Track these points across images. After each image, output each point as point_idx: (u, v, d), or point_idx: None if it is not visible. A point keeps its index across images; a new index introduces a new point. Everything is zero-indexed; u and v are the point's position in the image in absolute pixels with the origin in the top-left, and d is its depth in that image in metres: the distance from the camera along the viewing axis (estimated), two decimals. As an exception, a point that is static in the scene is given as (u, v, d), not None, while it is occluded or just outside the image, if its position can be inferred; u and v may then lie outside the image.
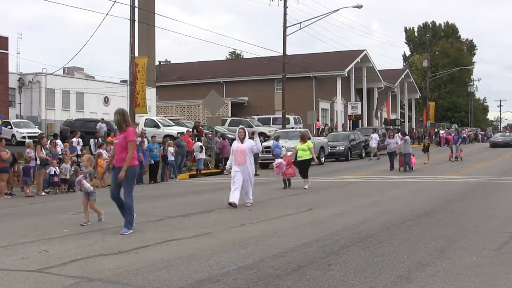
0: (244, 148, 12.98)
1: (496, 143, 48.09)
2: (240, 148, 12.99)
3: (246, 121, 40.86)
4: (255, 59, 55.66)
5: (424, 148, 29.25)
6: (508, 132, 58.45)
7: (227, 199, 12.66)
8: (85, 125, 33.09)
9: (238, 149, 13.01)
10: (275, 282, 5.99)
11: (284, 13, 37.06)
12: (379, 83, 61.29)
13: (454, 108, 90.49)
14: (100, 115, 40.22)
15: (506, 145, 46.45)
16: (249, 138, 13.55)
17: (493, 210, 11.67)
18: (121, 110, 9.47)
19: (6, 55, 38.69)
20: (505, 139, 49.04)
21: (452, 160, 29.18)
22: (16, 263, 7.04)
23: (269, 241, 8.31)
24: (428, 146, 29.40)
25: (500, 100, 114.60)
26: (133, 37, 26.26)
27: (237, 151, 12.99)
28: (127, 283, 6.04)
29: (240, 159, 12.92)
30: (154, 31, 45.68)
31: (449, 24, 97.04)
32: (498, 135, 54.28)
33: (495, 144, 47.84)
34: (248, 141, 13.22)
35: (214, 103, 28.17)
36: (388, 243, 8.07)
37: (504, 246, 7.79)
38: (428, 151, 28.76)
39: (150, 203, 14.13)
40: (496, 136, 54.21)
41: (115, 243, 8.28)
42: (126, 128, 9.25)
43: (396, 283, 5.93)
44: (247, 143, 13.12)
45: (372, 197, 14.33)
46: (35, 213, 13.04)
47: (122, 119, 9.26)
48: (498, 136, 52.60)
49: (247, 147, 13.01)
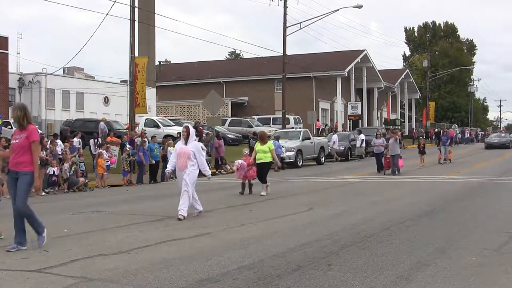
0: (188, 150, 11.16)
1: (491, 144, 45.80)
2: (184, 151, 11.20)
3: (246, 121, 40.91)
4: (255, 59, 55.67)
5: (420, 150, 27.12)
6: (504, 133, 56.49)
7: (226, 199, 12.65)
8: (85, 125, 33.09)
9: (181, 151, 11.25)
10: (275, 282, 5.99)
11: (284, 13, 37.08)
12: (379, 83, 61.29)
13: (454, 108, 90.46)
14: (100, 115, 40.19)
15: (502, 146, 44.51)
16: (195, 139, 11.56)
17: (493, 210, 11.68)
18: (21, 105, 8.27)
19: (6, 55, 38.67)
20: (501, 140, 46.96)
21: (442, 162, 27.42)
22: (16, 263, 7.04)
23: (269, 241, 8.31)
24: (424, 147, 27.33)
25: (500, 100, 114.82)
26: (133, 37, 26.26)
27: (180, 153, 11.27)
28: (127, 283, 6.04)
29: (181, 164, 11.20)
30: (154, 31, 45.66)
31: (449, 24, 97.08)
32: (494, 136, 51.64)
33: (490, 145, 45.69)
34: (193, 142, 11.40)
35: (214, 103, 28.16)
36: (388, 243, 8.07)
37: (504, 246, 7.79)
38: (425, 153, 26.69)
39: (150, 203, 14.14)
40: (492, 136, 51.53)
41: (115, 243, 8.28)
42: (28, 126, 7.93)
43: (396, 283, 5.93)
44: (191, 144, 11.30)
45: (372, 197, 14.33)
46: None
47: (23, 116, 7.93)
48: (494, 137, 50.03)
49: (191, 150, 11.20)
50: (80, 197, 16.83)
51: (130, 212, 11.92)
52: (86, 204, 14.50)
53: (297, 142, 28.57)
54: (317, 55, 58.34)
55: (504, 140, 46.73)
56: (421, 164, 25.95)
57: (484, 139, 53.33)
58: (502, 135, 51.23)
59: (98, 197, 16.56)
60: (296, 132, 31.10)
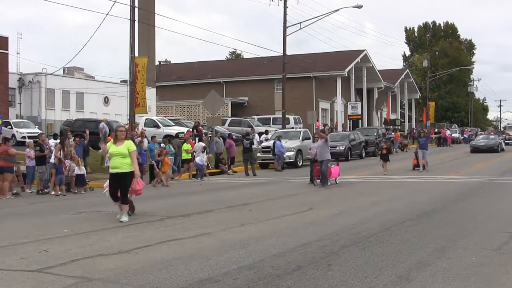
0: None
1: (477, 148, 39.09)
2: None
3: (246, 121, 40.90)
4: (255, 59, 55.68)
5: (382, 155, 23.15)
6: (493, 134, 50.01)
7: (226, 199, 12.65)
8: (85, 125, 33.04)
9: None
10: (275, 282, 5.99)
11: (284, 13, 37.06)
12: (379, 83, 61.29)
13: (454, 108, 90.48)
14: (100, 115, 40.20)
15: (489, 150, 38.32)
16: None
17: (493, 210, 11.68)
18: None
19: (6, 55, 38.69)
20: (488, 143, 40.18)
21: (418, 169, 23.33)
22: (16, 263, 7.04)
23: (269, 241, 8.31)
24: (387, 153, 23.31)
25: (500, 100, 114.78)
26: (133, 37, 26.24)
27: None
28: (127, 283, 6.04)
29: None
30: (154, 31, 45.69)
31: (449, 24, 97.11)
32: (481, 138, 43.86)
33: (476, 148, 39.05)
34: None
35: (214, 103, 28.15)
36: (388, 243, 8.07)
37: (504, 246, 7.79)
38: (388, 159, 22.92)
39: (150, 203, 14.12)
40: (478, 138, 43.85)
41: (115, 243, 8.28)
42: None
43: (396, 283, 5.93)
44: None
45: (372, 197, 14.33)
46: (35, 213, 13.04)
47: None
48: (481, 139, 42.62)
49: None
50: (80, 197, 16.83)
51: (130, 212, 11.89)
52: (86, 204, 14.51)
53: (297, 142, 28.61)
54: (317, 55, 58.33)
55: (492, 142, 40.37)
56: (384, 173, 22.10)
57: (470, 142, 45.06)
58: (490, 137, 44.45)
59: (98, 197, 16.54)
60: (296, 132, 31.11)
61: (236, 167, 26.65)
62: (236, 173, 25.52)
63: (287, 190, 16.97)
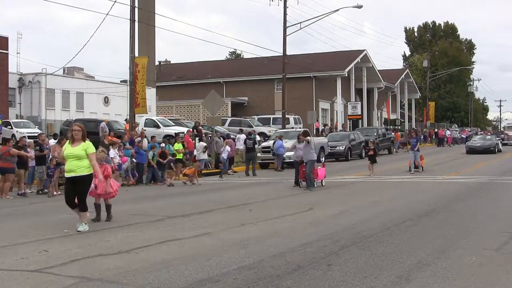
0: None
1: (473, 149, 37.94)
2: None
3: (246, 121, 40.88)
4: (255, 59, 55.66)
5: (369, 156, 22.85)
6: (490, 135, 48.66)
7: (226, 199, 12.65)
8: (85, 125, 32.87)
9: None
10: (275, 282, 5.99)
11: (284, 13, 37.06)
12: (379, 83, 61.30)
13: (454, 108, 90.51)
14: (100, 115, 40.19)
15: (485, 151, 37.22)
16: None
17: (493, 210, 11.69)
18: None
19: (6, 55, 38.66)
20: (485, 143, 39.07)
21: (412, 171, 22.91)
22: (16, 263, 7.04)
23: (269, 241, 8.31)
24: (374, 154, 22.79)
25: (500, 100, 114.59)
26: (133, 37, 26.26)
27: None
28: (127, 283, 6.04)
29: None
30: (154, 31, 45.66)
31: (449, 24, 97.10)
32: (477, 138, 42.70)
33: (472, 149, 37.89)
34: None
35: (214, 103, 28.14)
36: (388, 243, 8.07)
37: (504, 246, 7.79)
38: (376, 161, 22.66)
39: (150, 203, 14.14)
40: (475, 139, 42.64)
41: (115, 243, 8.28)
42: None
43: (396, 283, 5.93)
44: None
45: (372, 197, 14.33)
46: (35, 213, 13.03)
47: None
48: (477, 140, 41.39)
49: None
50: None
51: (130, 212, 11.91)
52: (86, 204, 14.47)
53: (297, 142, 28.53)
54: (317, 55, 58.34)
55: (488, 143, 39.31)
56: (369, 173, 21.82)
57: (466, 143, 44.34)
58: (487, 137, 43.15)
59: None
60: (296, 132, 31.03)
61: (236, 167, 26.67)
62: (236, 173, 25.53)
63: (287, 190, 16.96)
